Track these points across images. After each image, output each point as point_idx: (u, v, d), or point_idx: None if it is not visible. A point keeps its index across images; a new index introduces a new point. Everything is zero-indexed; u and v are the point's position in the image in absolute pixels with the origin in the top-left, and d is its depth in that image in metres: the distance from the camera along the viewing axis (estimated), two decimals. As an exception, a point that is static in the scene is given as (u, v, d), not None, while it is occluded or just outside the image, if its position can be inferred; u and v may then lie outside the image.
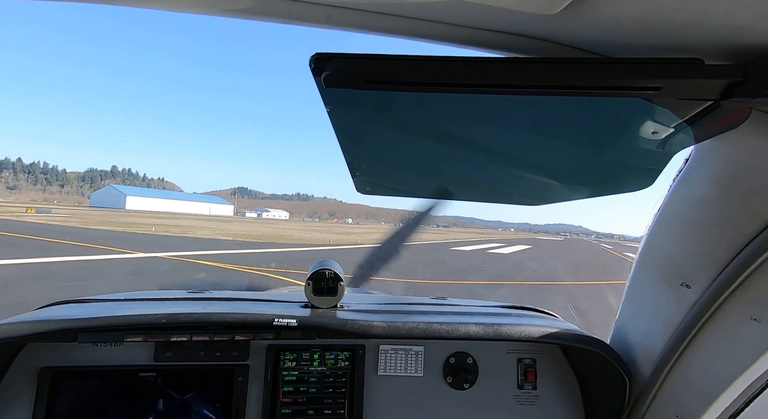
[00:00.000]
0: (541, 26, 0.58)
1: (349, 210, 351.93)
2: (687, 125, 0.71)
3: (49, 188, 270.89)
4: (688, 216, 0.93)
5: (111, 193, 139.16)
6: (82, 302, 1.23)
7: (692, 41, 0.55)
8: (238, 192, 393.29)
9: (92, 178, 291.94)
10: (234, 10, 0.56)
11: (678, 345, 0.98)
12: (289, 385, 1.22)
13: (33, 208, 43.95)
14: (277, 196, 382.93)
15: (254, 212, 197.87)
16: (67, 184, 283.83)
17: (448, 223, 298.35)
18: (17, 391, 1.08)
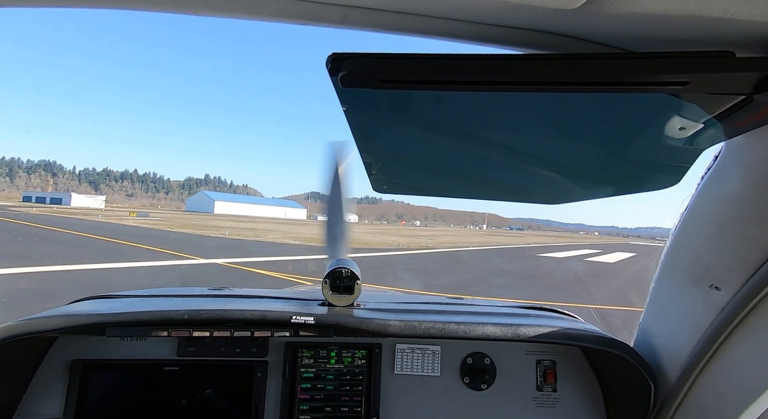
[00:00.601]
0: (562, 21, 0.56)
1: (417, 213, 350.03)
2: (717, 121, 0.69)
3: (157, 195, 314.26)
4: (717, 215, 0.89)
5: (202, 198, 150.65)
6: (109, 297, 1.28)
7: (722, 33, 0.53)
8: (311, 196, 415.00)
9: (190, 185, 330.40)
10: (255, 13, 0.57)
11: (707, 349, 0.94)
12: (307, 382, 1.23)
13: (135, 212, 49.15)
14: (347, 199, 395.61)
15: (325, 215, 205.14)
16: (171, 191, 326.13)
17: (522, 226, 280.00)
18: (51, 381, 1.13)
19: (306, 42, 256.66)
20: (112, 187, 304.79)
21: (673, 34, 0.56)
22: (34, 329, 0.99)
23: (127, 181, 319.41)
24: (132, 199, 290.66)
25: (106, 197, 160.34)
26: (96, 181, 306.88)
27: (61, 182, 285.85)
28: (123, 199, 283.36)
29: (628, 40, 0.60)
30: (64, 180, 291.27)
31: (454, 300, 1.50)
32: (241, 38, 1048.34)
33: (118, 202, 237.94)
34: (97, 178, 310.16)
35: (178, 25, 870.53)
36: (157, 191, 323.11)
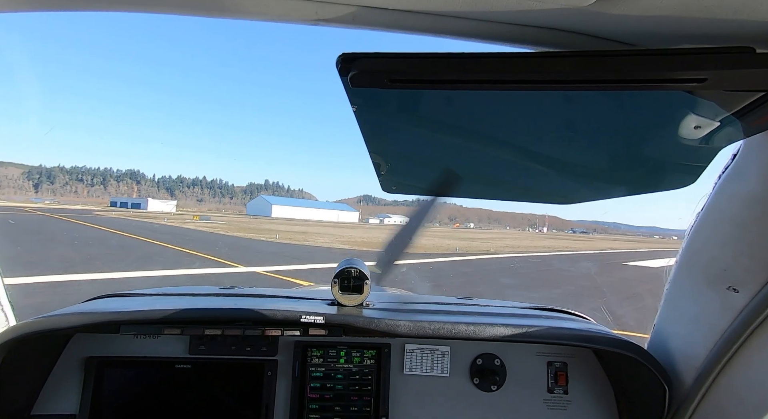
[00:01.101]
0: (575, 19, 0.55)
1: (470, 215, 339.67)
2: (735, 118, 0.67)
3: (222, 200, 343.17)
4: (735, 215, 0.87)
5: (261, 202, 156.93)
6: (123, 296, 1.30)
7: (741, 29, 0.52)
8: (363, 199, 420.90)
9: (251, 190, 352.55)
10: (265, 13, 0.58)
11: (724, 352, 0.92)
12: (316, 381, 1.23)
13: (198, 215, 51.86)
14: (398, 202, 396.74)
15: (377, 218, 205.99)
16: (235, 196, 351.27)
17: (587, 229, 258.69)
18: (67, 378, 1.15)
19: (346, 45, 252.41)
20: (185, 193, 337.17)
21: (689, 30, 0.54)
22: (51, 326, 1.01)
23: (197, 187, 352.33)
24: (201, 204, 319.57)
25: (177, 202, 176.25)
26: (172, 188, 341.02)
27: (143, 189, 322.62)
28: (193, 204, 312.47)
29: (643, 36, 0.58)
30: (146, 187, 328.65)
31: (464, 300, 1.49)
32: (278, 42, 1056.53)
33: (189, 206, 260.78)
34: (172, 185, 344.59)
35: (219, 30, 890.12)
36: (223, 196, 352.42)
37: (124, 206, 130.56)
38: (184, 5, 0.59)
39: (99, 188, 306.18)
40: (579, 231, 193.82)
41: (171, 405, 1.16)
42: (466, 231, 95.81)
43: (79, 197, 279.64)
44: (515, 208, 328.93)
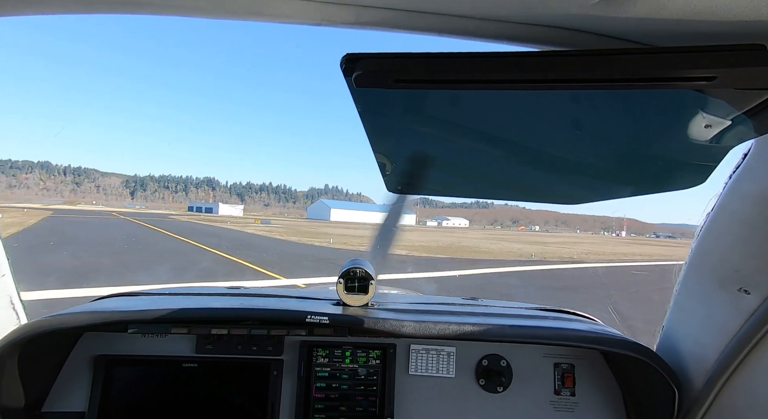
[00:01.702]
0: (580, 17, 0.55)
1: (535, 217, 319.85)
2: (746, 117, 0.65)
3: (287, 204, 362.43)
4: (746, 215, 0.86)
5: (320, 206, 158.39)
6: (131, 295, 1.30)
7: (751, 26, 0.51)
8: (420, 202, 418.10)
9: (312, 195, 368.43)
10: (270, 15, 0.58)
11: (735, 354, 0.90)
12: (322, 381, 1.23)
13: (259, 219, 53.58)
14: (456, 204, 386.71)
15: (434, 221, 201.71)
16: (297, 200, 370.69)
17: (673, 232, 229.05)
18: (76, 376, 1.16)
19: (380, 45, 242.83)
20: (253, 198, 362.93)
21: (698, 28, 0.53)
22: (61, 325, 1.02)
23: (264, 192, 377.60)
24: (267, 208, 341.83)
25: (244, 206, 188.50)
26: (242, 193, 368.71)
27: (218, 194, 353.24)
28: (260, 208, 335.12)
29: (651, 34, 0.58)
30: (220, 192, 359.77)
31: (469, 301, 1.47)
32: (333, 48, 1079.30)
33: (256, 211, 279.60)
34: (242, 191, 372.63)
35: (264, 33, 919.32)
36: (287, 201, 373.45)
37: (199, 210, 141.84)
38: (196, 8, 0.59)
39: (181, 194, 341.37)
40: (664, 236, 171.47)
41: (178, 404, 1.17)
42: (533, 234, 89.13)
43: (165, 203, 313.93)
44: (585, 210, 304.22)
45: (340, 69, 0.54)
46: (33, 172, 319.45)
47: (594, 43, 0.59)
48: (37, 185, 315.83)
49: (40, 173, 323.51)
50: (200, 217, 65.33)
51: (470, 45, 0.61)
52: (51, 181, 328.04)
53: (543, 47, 0.62)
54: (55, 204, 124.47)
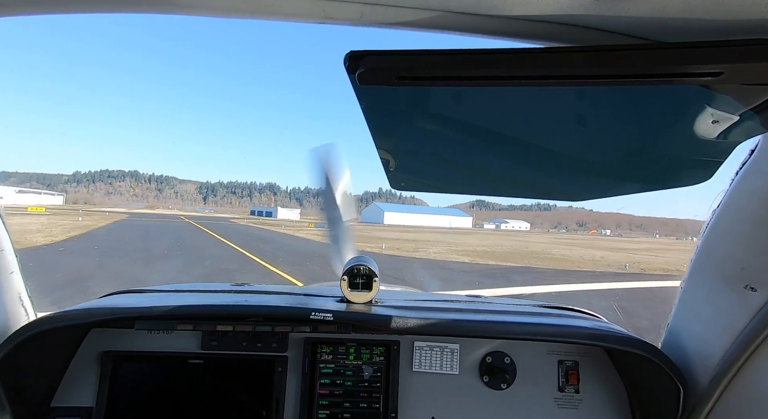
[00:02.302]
0: (584, 12, 0.55)
1: (604, 220, 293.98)
2: (753, 113, 0.65)
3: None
4: (753, 212, 0.85)
5: (374, 209, 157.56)
6: (138, 292, 1.33)
7: (758, 21, 0.51)
8: (476, 204, 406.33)
9: (366, 198, 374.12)
10: (272, 12, 0.59)
11: (741, 352, 0.90)
12: (326, 377, 1.24)
13: (312, 223, 53.48)
14: (515, 207, 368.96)
15: (492, 223, 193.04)
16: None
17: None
18: (84, 372, 1.18)
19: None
20: (311, 202, 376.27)
21: (704, 23, 0.53)
22: (69, 321, 1.03)
23: (320, 197, 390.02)
24: (324, 212, 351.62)
25: (301, 210, 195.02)
26: (301, 198, 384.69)
27: (279, 199, 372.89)
28: (317, 212, 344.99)
29: (656, 30, 0.57)
30: (281, 197, 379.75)
31: (474, 298, 1.47)
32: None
33: (314, 214, 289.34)
34: (301, 195, 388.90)
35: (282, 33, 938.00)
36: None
37: (260, 214, 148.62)
38: (200, 6, 0.59)
39: (246, 199, 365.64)
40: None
41: (184, 400, 1.18)
42: (606, 239, 79.71)
43: (232, 207, 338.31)
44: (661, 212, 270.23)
45: (344, 66, 0.54)
46: (125, 180, 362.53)
47: (598, 39, 0.59)
48: (128, 192, 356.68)
49: (131, 181, 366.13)
50: (259, 221, 67.48)
51: (473, 42, 0.61)
52: (139, 188, 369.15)
53: (547, 43, 0.61)
54: (138, 208, 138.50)
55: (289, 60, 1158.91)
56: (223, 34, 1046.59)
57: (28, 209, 47.36)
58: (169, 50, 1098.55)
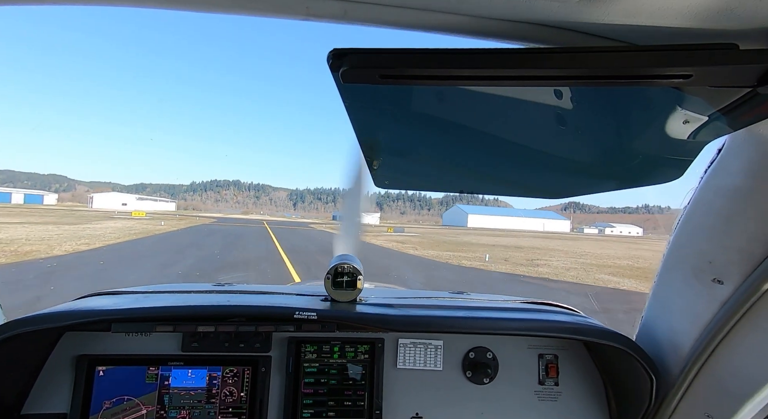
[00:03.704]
0: (563, 14, 0.56)
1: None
2: (720, 114, 0.68)
3: (421, 212, 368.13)
4: (720, 209, 0.89)
5: (457, 212, 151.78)
6: (114, 294, 1.28)
7: (725, 26, 0.53)
8: (569, 206, 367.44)
9: (446, 202, 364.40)
10: (255, 8, 0.58)
11: (709, 343, 0.93)
12: (310, 377, 1.23)
13: (391, 227, 48.84)
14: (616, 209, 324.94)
15: (593, 227, 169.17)
16: (432, 207, 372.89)
17: None
18: (57, 376, 1.13)
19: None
20: (390, 206, 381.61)
21: (676, 27, 0.55)
22: (40, 324, 0.99)
23: (400, 200, 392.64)
24: (403, 216, 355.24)
25: (380, 214, 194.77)
26: (381, 202, 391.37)
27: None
28: (396, 216, 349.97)
29: (631, 33, 0.59)
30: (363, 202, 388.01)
31: (456, 295, 1.48)
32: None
33: (393, 218, 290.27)
34: (381, 200, 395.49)
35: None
36: (422, 208, 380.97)
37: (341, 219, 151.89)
38: (190, 2, 0.59)
39: (330, 205, 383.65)
40: None
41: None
42: None
43: (318, 212, 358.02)
44: None
45: (327, 64, 0.54)
46: (229, 189, 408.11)
47: (576, 40, 0.60)
48: (232, 199, 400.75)
49: (234, 189, 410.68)
50: (338, 226, 65.38)
51: (456, 41, 0.61)
52: (240, 195, 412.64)
53: (527, 44, 0.63)
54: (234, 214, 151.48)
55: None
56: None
57: (132, 214, 51.04)
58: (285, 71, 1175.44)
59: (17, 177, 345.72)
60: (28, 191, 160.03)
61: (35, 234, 17.76)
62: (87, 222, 30.23)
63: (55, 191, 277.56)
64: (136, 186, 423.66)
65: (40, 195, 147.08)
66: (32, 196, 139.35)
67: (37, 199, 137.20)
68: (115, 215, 47.78)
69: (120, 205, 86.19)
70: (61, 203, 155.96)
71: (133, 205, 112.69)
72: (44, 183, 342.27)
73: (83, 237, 17.65)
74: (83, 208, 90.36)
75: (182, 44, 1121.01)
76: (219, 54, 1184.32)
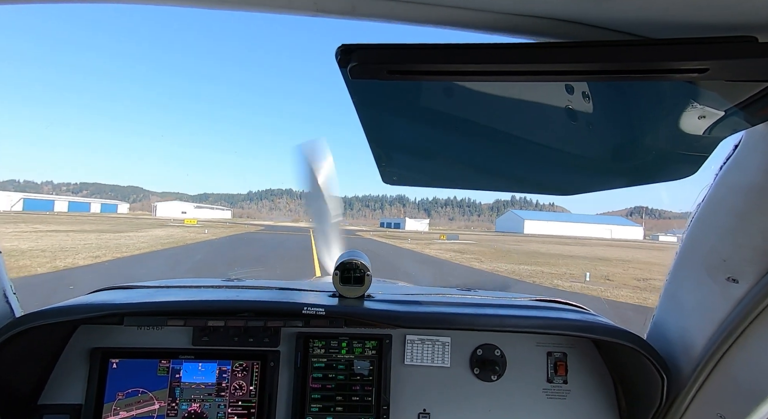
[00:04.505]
0: (574, 8, 0.55)
1: None
2: (737, 109, 0.66)
3: (471, 218, 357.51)
4: (736, 206, 0.87)
5: (512, 218, 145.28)
6: (127, 288, 1.30)
7: (744, 18, 0.51)
8: (635, 211, 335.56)
9: (497, 207, 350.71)
10: (263, 4, 0.58)
11: (723, 343, 0.91)
12: (318, 372, 1.23)
13: (444, 234, 44.71)
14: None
15: (670, 235, 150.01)
16: (481, 213, 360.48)
17: None
18: (72, 369, 1.16)
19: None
20: (438, 212, 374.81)
21: (691, 20, 0.53)
22: (55, 318, 1.01)
23: (449, 206, 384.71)
24: (452, 222, 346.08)
25: (429, 220, 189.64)
26: (429, 208, 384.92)
27: (407, 210, 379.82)
28: (445, 222, 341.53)
29: (644, 26, 0.57)
30: (409, 208, 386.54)
31: (464, 292, 1.47)
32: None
33: (442, 225, 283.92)
34: (429, 206, 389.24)
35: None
36: (471, 214, 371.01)
37: (389, 226, 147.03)
38: None
39: (378, 212, 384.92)
40: None
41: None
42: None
43: (366, 219, 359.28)
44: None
45: (336, 61, 0.53)
46: (282, 198, 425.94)
47: (587, 35, 0.59)
48: (285, 207, 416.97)
49: (287, 198, 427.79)
50: (385, 233, 62.33)
51: (465, 36, 0.60)
52: (293, 203, 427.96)
53: (537, 38, 0.61)
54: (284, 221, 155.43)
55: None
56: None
57: (184, 222, 52.03)
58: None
59: (103, 188, 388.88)
60: (104, 201, 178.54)
61: (60, 244, 16.50)
62: (134, 230, 29.94)
63: (133, 201, 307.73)
64: (200, 195, 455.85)
65: (115, 204, 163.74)
66: (108, 205, 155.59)
67: (112, 208, 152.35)
68: (169, 223, 48.85)
69: (180, 213, 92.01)
70: (132, 212, 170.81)
71: (191, 213, 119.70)
72: (124, 194, 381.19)
73: (106, 247, 16.08)
74: (147, 216, 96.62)
75: (230, 68, 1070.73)
76: (258, 64, 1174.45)
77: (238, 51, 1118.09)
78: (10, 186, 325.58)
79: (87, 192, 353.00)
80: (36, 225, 29.13)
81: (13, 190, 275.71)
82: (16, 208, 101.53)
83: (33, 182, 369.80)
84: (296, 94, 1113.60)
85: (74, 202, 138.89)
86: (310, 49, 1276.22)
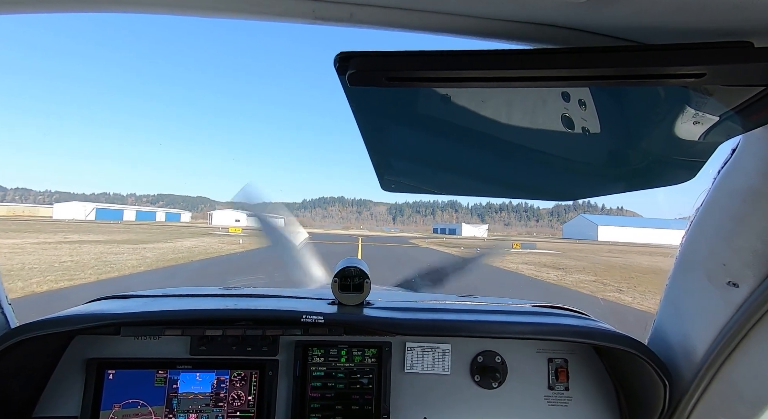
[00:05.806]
0: (571, 14, 0.55)
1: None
2: (734, 113, 0.66)
3: (528, 223, 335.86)
4: (734, 210, 0.87)
5: (582, 223, 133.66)
6: (124, 297, 1.29)
7: (740, 23, 0.52)
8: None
9: (558, 212, 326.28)
10: (261, 12, 0.59)
11: (724, 348, 0.91)
12: (318, 380, 1.22)
13: (518, 243, 37.71)
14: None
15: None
16: (540, 218, 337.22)
17: None
18: (68, 380, 1.14)
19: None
20: (493, 218, 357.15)
21: (687, 25, 0.54)
22: (51, 328, 1.00)
23: (504, 211, 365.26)
24: (508, 228, 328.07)
25: (488, 226, 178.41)
26: (482, 214, 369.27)
27: (460, 215, 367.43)
28: (501, 228, 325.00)
29: (641, 31, 0.58)
30: (462, 214, 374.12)
31: (464, 298, 1.46)
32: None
33: (498, 230, 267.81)
34: (483, 211, 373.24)
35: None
36: (529, 219, 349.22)
37: (443, 232, 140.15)
38: (184, 6, 0.59)
39: (429, 217, 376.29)
40: None
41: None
42: None
43: (417, 225, 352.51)
44: None
45: (334, 68, 0.54)
46: (335, 205, 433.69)
47: (585, 40, 0.59)
48: (337, 215, 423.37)
49: (339, 206, 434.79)
50: (442, 240, 56.40)
51: (463, 43, 0.61)
52: (344, 211, 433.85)
53: (534, 45, 0.62)
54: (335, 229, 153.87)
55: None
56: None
57: (229, 230, 50.24)
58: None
59: (175, 199, 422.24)
60: (168, 210, 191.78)
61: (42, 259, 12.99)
62: (161, 240, 27.27)
63: (200, 210, 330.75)
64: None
65: (178, 213, 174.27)
66: (172, 214, 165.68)
67: (176, 217, 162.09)
68: (215, 231, 47.40)
69: (234, 221, 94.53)
70: (193, 220, 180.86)
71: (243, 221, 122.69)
72: (194, 203, 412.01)
73: (92, 267, 12.12)
74: (203, 224, 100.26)
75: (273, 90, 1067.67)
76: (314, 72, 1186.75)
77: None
78: (103, 197, 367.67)
79: (163, 203, 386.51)
80: (52, 235, 27.45)
81: (105, 201, 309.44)
82: (90, 217, 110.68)
83: (120, 194, 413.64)
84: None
85: (141, 211, 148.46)
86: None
